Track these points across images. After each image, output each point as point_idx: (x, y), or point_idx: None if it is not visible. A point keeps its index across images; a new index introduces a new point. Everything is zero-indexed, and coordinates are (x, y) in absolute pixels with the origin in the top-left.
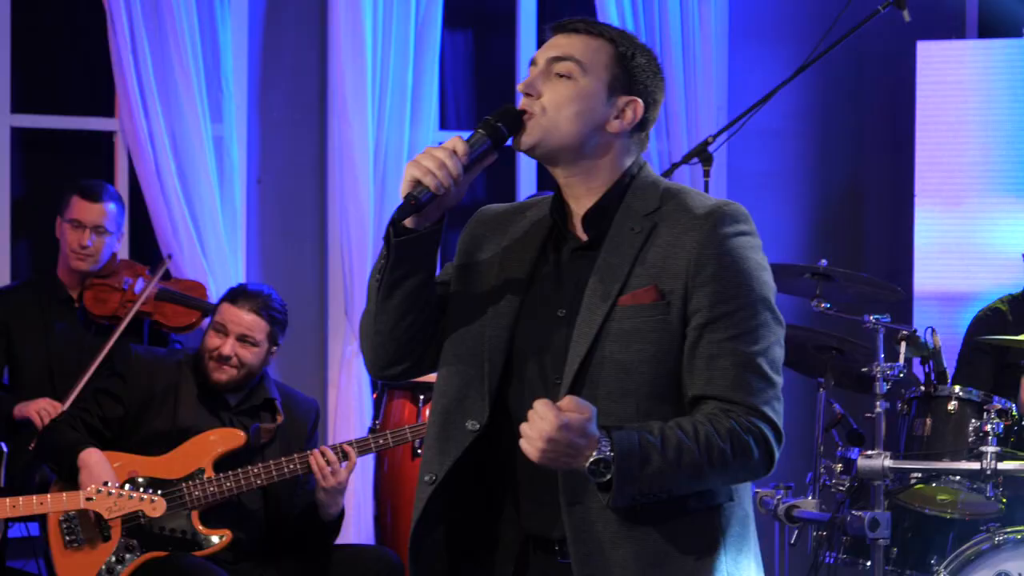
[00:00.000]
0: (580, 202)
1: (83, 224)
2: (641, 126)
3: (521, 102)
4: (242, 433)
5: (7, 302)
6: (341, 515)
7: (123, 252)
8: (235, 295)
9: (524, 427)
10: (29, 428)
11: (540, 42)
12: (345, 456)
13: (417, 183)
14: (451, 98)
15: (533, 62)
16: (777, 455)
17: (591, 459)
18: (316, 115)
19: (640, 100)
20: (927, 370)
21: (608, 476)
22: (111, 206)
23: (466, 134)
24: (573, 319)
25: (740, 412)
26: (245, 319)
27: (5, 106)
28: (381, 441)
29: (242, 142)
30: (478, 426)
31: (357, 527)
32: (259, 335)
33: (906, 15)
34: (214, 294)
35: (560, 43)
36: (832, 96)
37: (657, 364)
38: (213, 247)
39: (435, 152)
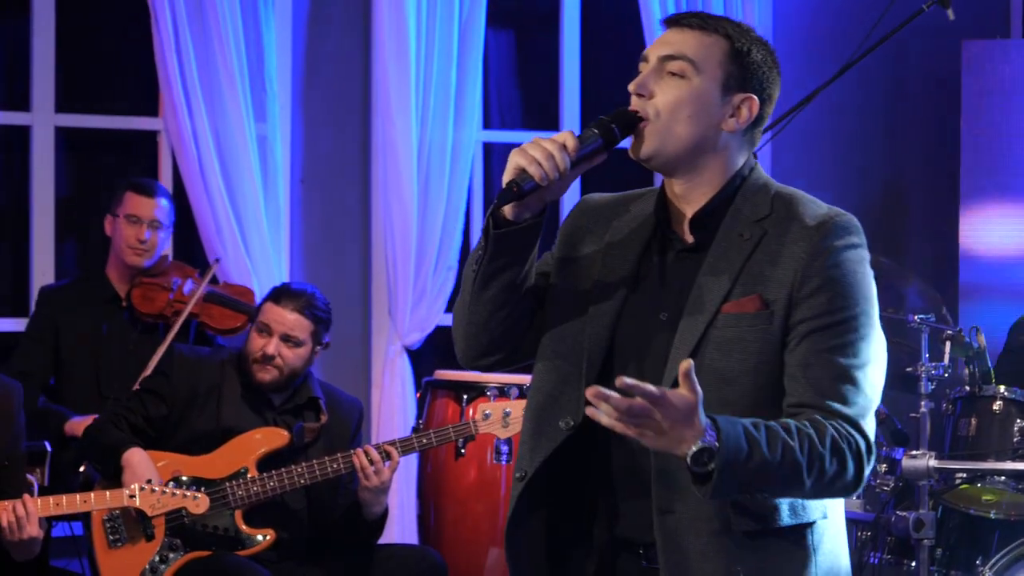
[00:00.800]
0: (688, 203)
1: (140, 219)
2: (755, 123)
3: (632, 102)
4: (286, 432)
5: (55, 300)
6: (385, 515)
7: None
8: (278, 295)
9: (639, 427)
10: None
11: (583, 41)
12: (388, 456)
13: (521, 171)
14: (495, 97)
15: (644, 58)
16: (868, 472)
17: (696, 447)
18: (360, 114)
19: (755, 97)
20: (972, 370)
21: (710, 467)
22: (164, 201)
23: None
24: (675, 324)
25: (836, 421)
26: (288, 319)
27: (50, 105)
28: (424, 440)
29: (286, 142)
30: (572, 424)
31: (400, 527)
32: (302, 334)
33: (950, 14)
34: (260, 296)
35: (672, 39)
36: (875, 95)
37: (757, 375)
38: (257, 246)
39: (544, 143)
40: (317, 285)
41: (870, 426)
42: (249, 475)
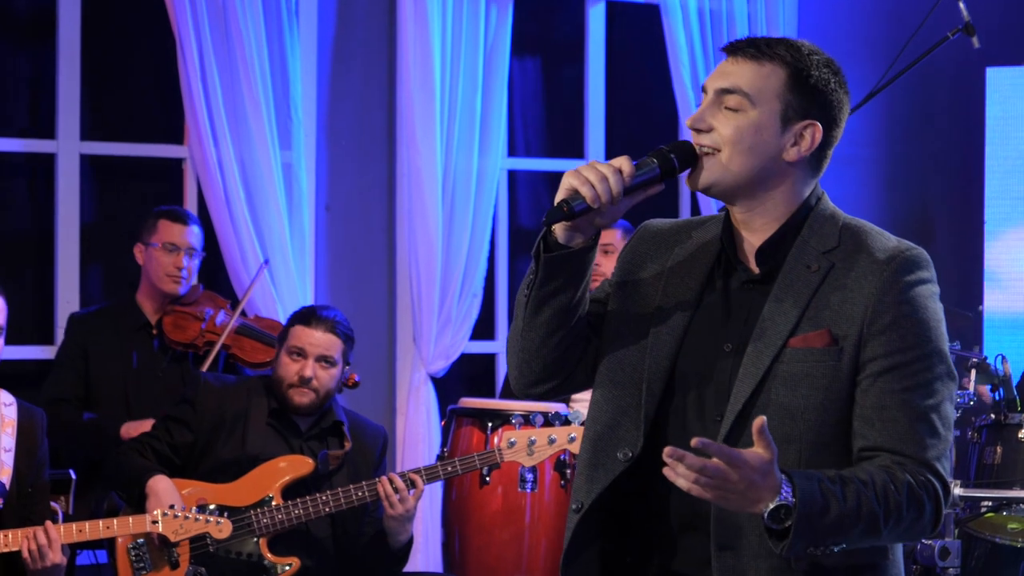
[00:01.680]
0: (754, 233)
1: (178, 247)
2: (822, 148)
3: (692, 137)
4: (310, 460)
5: (86, 327)
6: (410, 543)
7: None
8: (307, 317)
9: (711, 486)
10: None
11: (608, 70)
12: (412, 484)
13: (574, 192)
14: (519, 125)
15: (703, 89)
16: (944, 512)
17: (772, 505)
18: (384, 142)
19: (818, 123)
20: (997, 398)
21: (787, 523)
22: (196, 228)
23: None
24: (739, 355)
25: (912, 466)
26: (323, 339)
27: (75, 133)
28: (449, 468)
29: (311, 169)
30: (631, 455)
31: (425, 555)
32: (336, 354)
33: (975, 41)
34: None
35: (729, 70)
36: (901, 123)
37: (824, 411)
38: (282, 274)
39: (599, 166)
40: (341, 312)
41: (945, 466)
42: (274, 503)
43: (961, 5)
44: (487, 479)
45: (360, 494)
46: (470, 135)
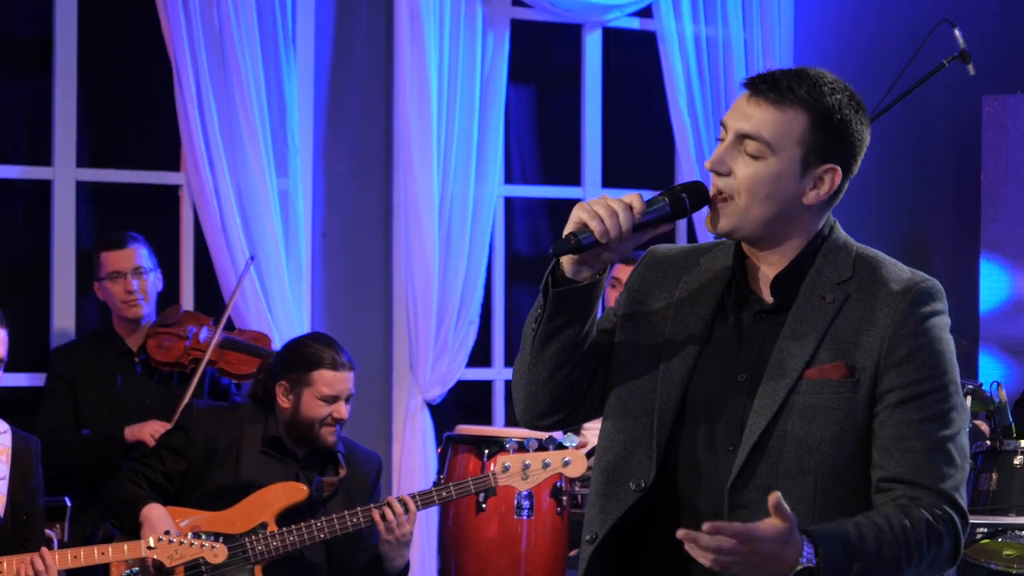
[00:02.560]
0: (767, 263)
1: (122, 272)
2: (841, 185)
3: (711, 179)
4: (305, 487)
5: (71, 359)
6: (406, 569)
7: (188, 303)
8: (329, 361)
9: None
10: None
11: (605, 97)
12: (406, 509)
13: (583, 226)
14: (516, 153)
15: (723, 125)
16: (964, 542)
17: (797, 569)
18: (381, 169)
19: (838, 168)
20: (993, 424)
21: None
22: (140, 247)
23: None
24: (754, 387)
25: (930, 498)
26: (349, 380)
27: (71, 160)
28: (444, 494)
29: (307, 196)
30: (643, 485)
31: None
32: (354, 392)
33: (971, 69)
34: (277, 341)
35: (749, 113)
36: (897, 150)
37: (840, 444)
38: (278, 301)
39: (609, 201)
40: (338, 340)
41: (963, 496)
42: (268, 530)
43: (957, 33)
44: (483, 506)
45: (355, 520)
46: (467, 162)
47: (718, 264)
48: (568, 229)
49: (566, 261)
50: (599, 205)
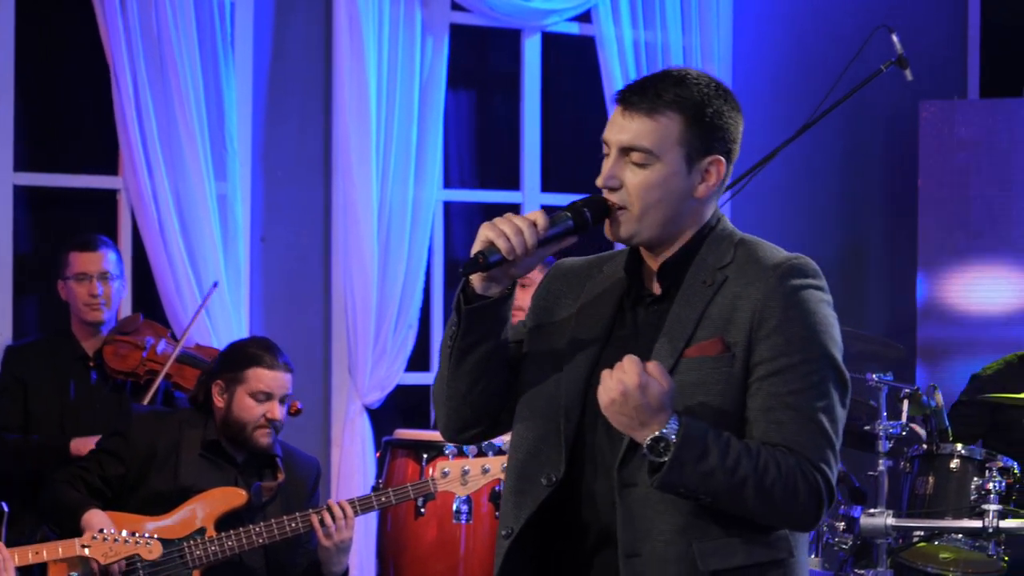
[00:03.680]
0: (657, 258)
1: (88, 275)
2: (725, 174)
3: (605, 193)
4: (244, 492)
5: (22, 358)
6: (345, 574)
7: (126, 308)
8: (264, 359)
9: (605, 374)
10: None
11: (544, 101)
12: (345, 514)
13: (489, 244)
14: (455, 157)
15: (604, 142)
16: (823, 514)
17: (653, 435)
18: (320, 173)
19: (721, 157)
20: (929, 428)
21: (664, 458)
22: (109, 252)
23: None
24: None
25: (801, 461)
26: (285, 380)
27: (8, 164)
28: (384, 499)
29: (246, 200)
30: (554, 479)
31: None
32: (291, 393)
33: (908, 74)
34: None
35: (626, 126)
36: (835, 155)
37: (721, 417)
38: (216, 305)
39: (514, 219)
40: (277, 344)
41: (832, 467)
42: (207, 535)
43: (894, 38)
44: (422, 511)
45: (293, 525)
46: (406, 166)
47: (619, 269)
48: (476, 248)
49: (476, 279)
50: (504, 223)
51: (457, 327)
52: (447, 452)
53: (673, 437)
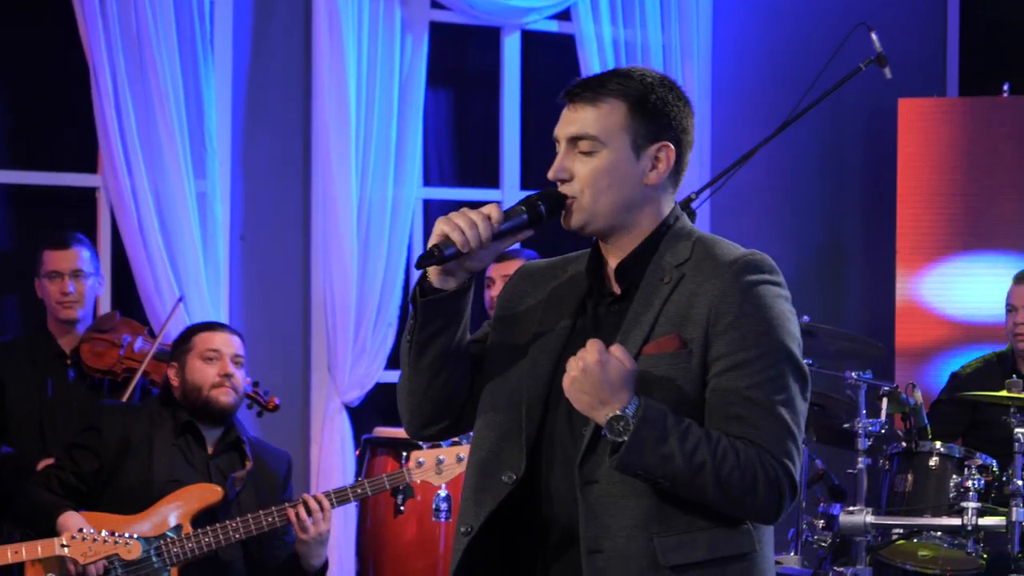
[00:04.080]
0: (616, 256)
1: (60, 272)
2: (677, 164)
3: (560, 188)
4: (219, 489)
5: (2, 356)
6: (324, 567)
7: (105, 305)
8: (206, 326)
9: (571, 360)
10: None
11: (524, 99)
12: (321, 507)
13: (444, 237)
14: (434, 155)
15: (556, 139)
16: (786, 506)
17: (612, 414)
18: (300, 172)
19: (669, 143)
20: (908, 426)
21: (624, 438)
22: (82, 249)
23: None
24: None
25: (762, 453)
26: (233, 340)
27: None
28: (360, 491)
29: (225, 199)
30: (514, 478)
31: None
32: (243, 353)
33: (887, 73)
34: None
35: (573, 118)
36: (814, 153)
37: (680, 411)
38: (196, 303)
39: (469, 213)
40: (257, 342)
41: (794, 461)
42: (184, 532)
43: (873, 36)
44: (401, 508)
45: (270, 520)
46: (385, 164)
47: (583, 268)
48: (432, 242)
49: (432, 272)
50: (459, 217)
51: (415, 320)
52: (422, 443)
53: (632, 416)
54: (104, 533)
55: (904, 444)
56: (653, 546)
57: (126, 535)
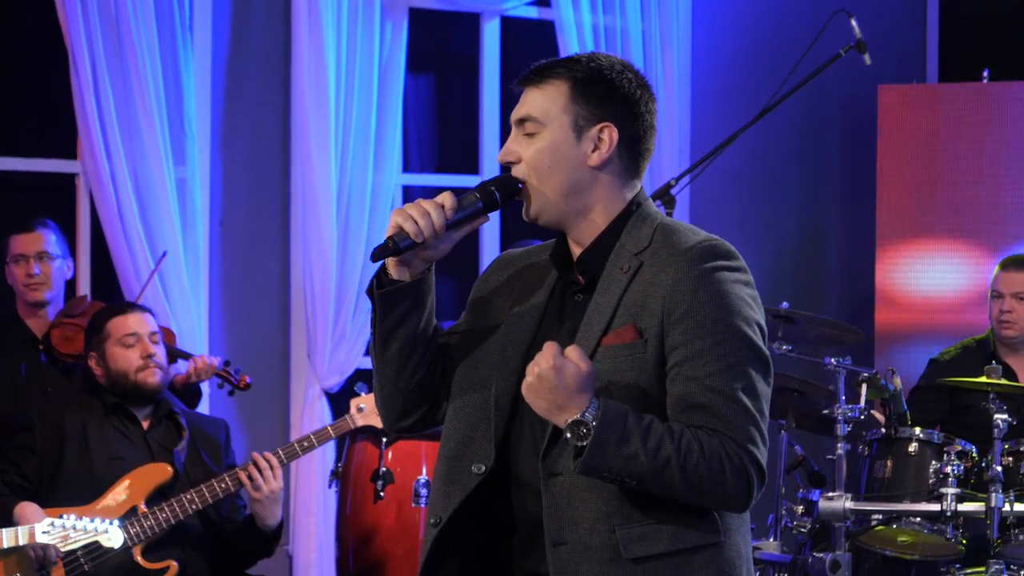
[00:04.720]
0: (580, 246)
1: (26, 255)
2: (629, 149)
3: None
4: (169, 468)
5: None
6: (280, 525)
7: (85, 292)
8: (115, 310)
9: (529, 365)
10: None
11: (503, 86)
12: (271, 465)
13: (399, 229)
14: (414, 141)
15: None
16: (755, 493)
17: (572, 418)
18: (279, 157)
19: (611, 123)
20: (888, 412)
21: (586, 442)
22: (47, 232)
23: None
24: None
25: (726, 442)
26: (145, 320)
27: None
28: (306, 444)
29: (205, 185)
30: (484, 469)
31: (320, 570)
32: (156, 329)
33: (867, 59)
34: (179, 337)
35: (522, 101)
36: (794, 139)
37: (639, 403)
38: (175, 289)
39: (423, 203)
40: (236, 328)
41: (759, 447)
42: (140, 512)
43: (853, 23)
44: (381, 494)
45: (223, 486)
46: (365, 151)
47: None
48: (387, 234)
49: (390, 264)
50: (413, 208)
51: (374, 313)
52: (358, 390)
53: (592, 420)
54: (85, 519)
55: (884, 430)
56: (616, 538)
57: (107, 521)
